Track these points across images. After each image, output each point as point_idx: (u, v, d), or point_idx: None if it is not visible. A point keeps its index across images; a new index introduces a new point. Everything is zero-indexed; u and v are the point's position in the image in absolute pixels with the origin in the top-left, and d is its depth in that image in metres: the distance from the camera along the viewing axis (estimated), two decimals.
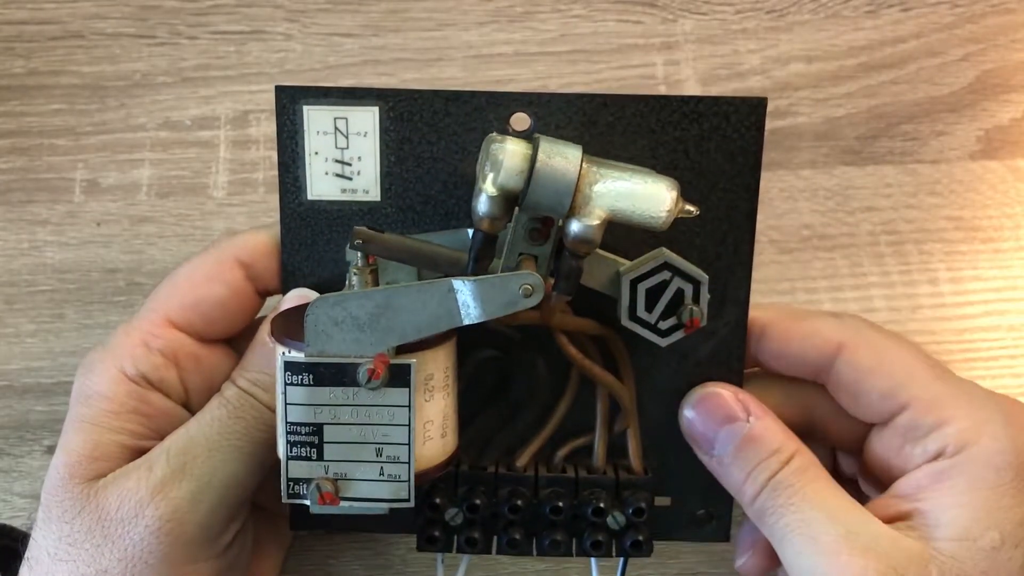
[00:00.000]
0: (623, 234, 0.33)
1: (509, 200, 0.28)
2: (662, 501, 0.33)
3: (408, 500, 0.28)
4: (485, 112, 0.29)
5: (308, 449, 0.28)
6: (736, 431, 0.31)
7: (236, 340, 0.34)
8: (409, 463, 0.28)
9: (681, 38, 0.42)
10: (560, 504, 0.31)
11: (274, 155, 0.41)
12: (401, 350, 0.28)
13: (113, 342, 0.32)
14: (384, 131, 0.31)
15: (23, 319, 0.40)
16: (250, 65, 0.42)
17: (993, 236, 0.41)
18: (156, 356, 0.32)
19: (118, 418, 0.31)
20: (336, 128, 0.31)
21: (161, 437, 0.31)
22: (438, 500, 0.31)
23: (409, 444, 0.28)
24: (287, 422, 0.28)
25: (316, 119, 0.31)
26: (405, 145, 0.31)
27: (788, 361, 0.33)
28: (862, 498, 0.31)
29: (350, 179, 0.32)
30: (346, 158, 0.32)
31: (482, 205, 0.28)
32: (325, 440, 0.28)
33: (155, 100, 0.42)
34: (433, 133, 0.31)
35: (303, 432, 0.28)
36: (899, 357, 0.32)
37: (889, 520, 0.30)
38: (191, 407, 0.32)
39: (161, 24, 0.42)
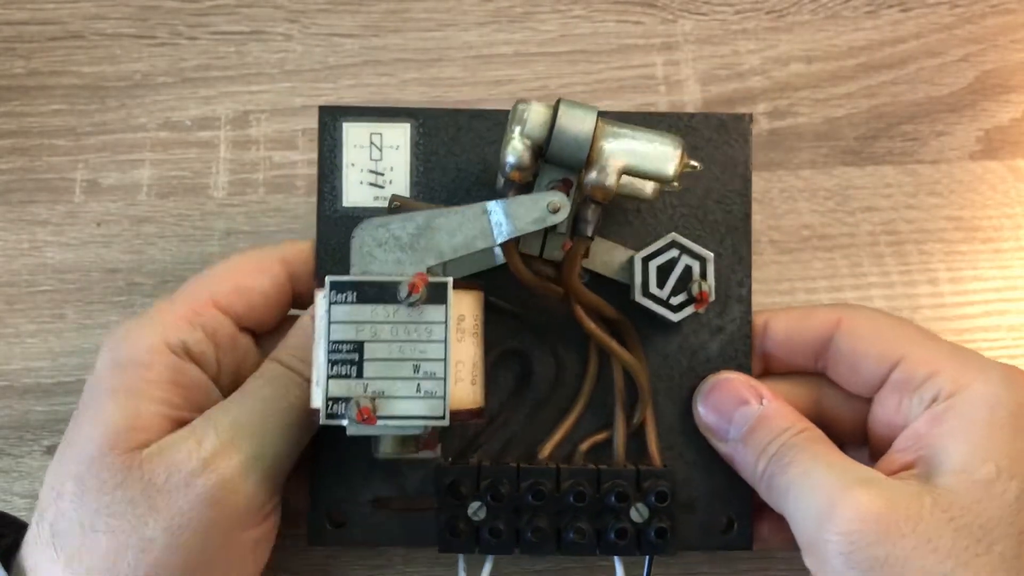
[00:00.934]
0: (632, 230, 0.35)
1: (534, 151, 0.31)
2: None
3: (443, 418, 0.29)
4: (503, 126, 0.32)
5: (348, 367, 0.29)
6: (750, 413, 0.33)
7: (261, 338, 0.35)
8: (445, 379, 0.29)
9: (681, 38, 0.42)
10: (583, 490, 0.32)
11: (274, 155, 0.41)
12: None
13: (152, 314, 0.33)
14: (415, 144, 0.35)
15: (23, 319, 0.40)
16: (250, 65, 0.42)
17: (993, 236, 0.41)
18: (198, 331, 0.32)
19: (159, 388, 0.31)
20: (372, 142, 0.35)
21: (197, 410, 0.32)
22: (463, 489, 0.31)
23: (445, 360, 0.30)
24: (329, 340, 0.29)
25: (354, 134, 0.35)
26: (433, 156, 0.35)
27: (792, 346, 0.34)
28: None
29: (383, 187, 0.35)
30: (380, 168, 0.35)
31: (511, 156, 0.31)
32: (365, 358, 0.29)
33: (155, 100, 0.42)
34: (457, 145, 0.35)
35: (344, 350, 0.29)
36: (895, 324, 0.33)
37: (891, 474, 0.31)
38: (221, 388, 0.33)
39: (161, 24, 0.42)
